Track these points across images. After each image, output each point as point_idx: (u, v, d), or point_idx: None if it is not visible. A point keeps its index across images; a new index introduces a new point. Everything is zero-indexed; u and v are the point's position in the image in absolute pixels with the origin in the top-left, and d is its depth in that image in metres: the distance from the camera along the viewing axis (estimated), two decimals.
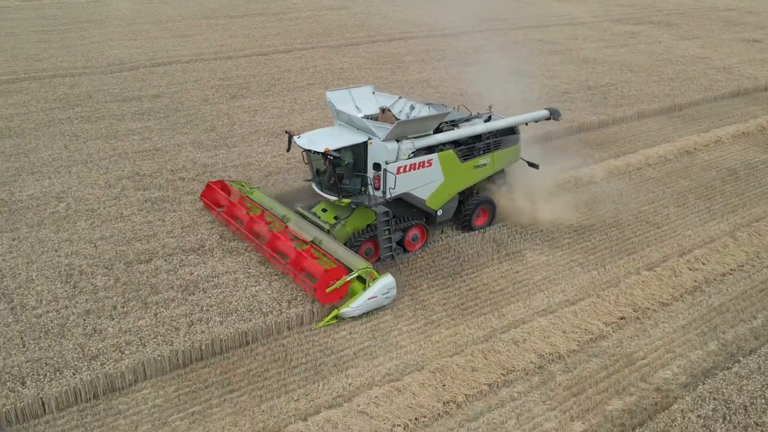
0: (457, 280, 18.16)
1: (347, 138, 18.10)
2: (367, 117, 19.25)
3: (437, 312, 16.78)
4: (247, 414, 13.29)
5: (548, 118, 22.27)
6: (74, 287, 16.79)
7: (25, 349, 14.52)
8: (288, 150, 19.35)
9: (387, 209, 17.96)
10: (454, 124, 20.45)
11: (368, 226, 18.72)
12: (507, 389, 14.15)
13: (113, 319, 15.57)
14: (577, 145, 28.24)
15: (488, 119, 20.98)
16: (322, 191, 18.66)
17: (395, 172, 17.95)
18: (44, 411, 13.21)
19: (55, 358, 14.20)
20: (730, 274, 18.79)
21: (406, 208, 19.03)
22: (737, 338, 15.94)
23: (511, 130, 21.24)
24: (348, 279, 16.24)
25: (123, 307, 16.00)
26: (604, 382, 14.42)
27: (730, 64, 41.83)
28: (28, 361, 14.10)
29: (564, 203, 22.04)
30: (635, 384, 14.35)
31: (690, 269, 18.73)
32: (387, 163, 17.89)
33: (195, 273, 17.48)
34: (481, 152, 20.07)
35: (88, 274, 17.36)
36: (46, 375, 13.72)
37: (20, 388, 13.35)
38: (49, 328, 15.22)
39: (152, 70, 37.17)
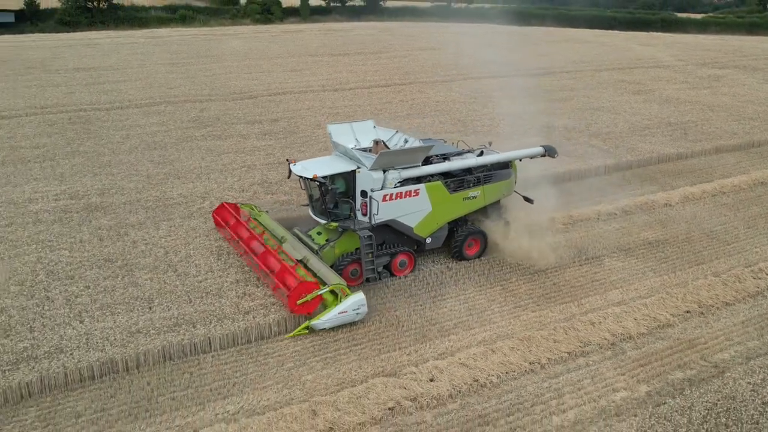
0: (542, 276, 20.95)
1: (337, 166, 19.61)
2: (363, 149, 20.87)
3: (524, 299, 19.62)
4: (368, 361, 16.48)
5: (543, 155, 23.08)
6: (225, 263, 20.57)
7: (192, 304, 18.27)
8: (288, 177, 20.90)
9: (371, 233, 19.21)
10: (445, 158, 21.44)
11: (356, 249, 19.82)
12: (584, 358, 16.81)
13: (258, 287, 19.17)
14: (655, 174, 30.67)
15: (480, 154, 21.95)
16: (315, 215, 20.24)
17: (380, 200, 19.30)
18: (210, 348, 16.79)
19: (216, 312, 17.87)
20: None
21: (395, 235, 20.29)
22: None
23: (505, 165, 22.17)
24: (319, 293, 17.51)
25: (266, 279, 19.60)
26: (669, 358, 16.85)
27: None
28: (196, 312, 17.81)
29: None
30: (696, 361, 16.71)
31: (754, 278, 20.88)
32: (373, 190, 19.32)
33: None
34: (471, 185, 21.13)
35: (235, 254, 21.12)
36: (211, 321, 17.37)
37: (192, 329, 17.02)
38: (209, 290, 18.96)
39: (269, 98, 41.86)
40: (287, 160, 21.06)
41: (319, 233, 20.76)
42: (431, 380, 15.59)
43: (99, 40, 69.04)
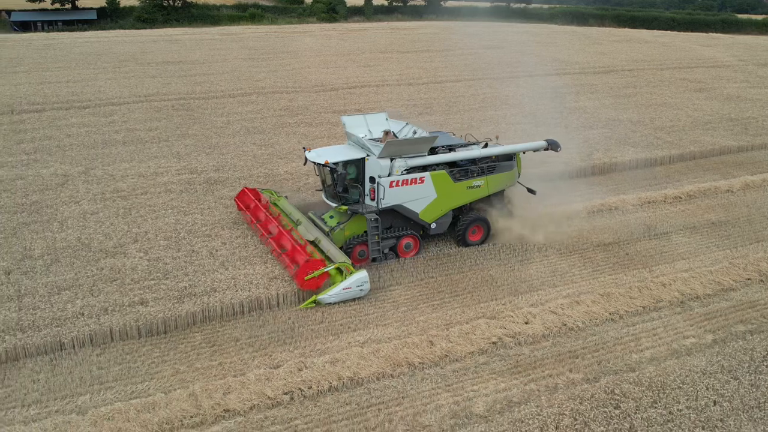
0: (616, 248, 23.51)
1: (348, 154, 21.01)
2: (374, 139, 22.30)
3: (601, 265, 22.26)
4: (470, 307, 19.39)
5: (546, 149, 24.23)
6: None
7: None
8: (304, 164, 22.44)
9: (377, 216, 20.75)
10: (451, 149, 22.90)
11: (365, 232, 21.24)
12: (656, 312, 19.39)
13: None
14: (717, 164, 32.89)
15: (485, 146, 23.23)
16: (327, 199, 21.73)
17: (387, 186, 20.67)
18: None
19: None
20: None
21: (402, 220, 21.77)
22: None
23: (508, 157, 23.50)
24: (325, 270, 19.08)
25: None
26: (732, 315, 19.31)
27: None
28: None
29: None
30: (756, 318, 19.13)
31: None
32: (380, 177, 20.72)
33: None
34: (475, 174, 22.40)
35: None
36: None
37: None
38: None
39: (349, 91, 45.09)
40: (303, 147, 23.14)
41: (331, 216, 22.32)
42: (526, 323, 18.42)
43: (178, 37, 73.36)
